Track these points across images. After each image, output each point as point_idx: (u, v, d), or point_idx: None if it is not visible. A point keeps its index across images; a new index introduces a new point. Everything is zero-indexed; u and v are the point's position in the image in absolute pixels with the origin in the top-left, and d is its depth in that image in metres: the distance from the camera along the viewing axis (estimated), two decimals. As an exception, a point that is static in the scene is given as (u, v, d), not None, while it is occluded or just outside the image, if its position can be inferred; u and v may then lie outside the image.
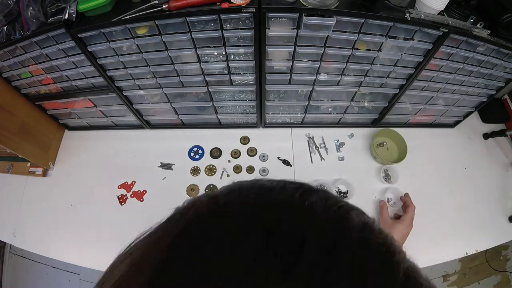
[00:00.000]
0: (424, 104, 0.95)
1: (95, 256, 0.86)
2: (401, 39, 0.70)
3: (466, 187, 0.98)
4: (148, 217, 0.94)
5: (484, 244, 0.89)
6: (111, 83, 0.82)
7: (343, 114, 0.96)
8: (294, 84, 0.82)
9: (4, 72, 0.83)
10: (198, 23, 0.64)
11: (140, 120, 1.00)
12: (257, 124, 1.02)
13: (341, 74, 0.79)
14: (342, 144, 1.02)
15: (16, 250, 1.85)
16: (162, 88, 0.84)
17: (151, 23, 0.64)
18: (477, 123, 1.13)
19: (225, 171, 0.96)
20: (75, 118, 1.02)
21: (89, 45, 0.70)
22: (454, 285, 1.80)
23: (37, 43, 0.71)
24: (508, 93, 1.15)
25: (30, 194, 0.97)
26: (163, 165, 0.98)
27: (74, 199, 0.95)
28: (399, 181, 0.93)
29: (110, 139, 1.06)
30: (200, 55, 0.72)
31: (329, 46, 0.70)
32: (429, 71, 0.81)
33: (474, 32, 0.68)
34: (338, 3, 0.61)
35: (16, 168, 1.00)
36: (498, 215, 0.94)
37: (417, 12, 0.63)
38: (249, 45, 0.69)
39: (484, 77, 0.86)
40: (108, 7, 0.65)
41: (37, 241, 0.89)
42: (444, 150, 1.05)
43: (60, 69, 0.79)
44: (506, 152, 1.08)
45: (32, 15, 0.64)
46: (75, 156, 1.04)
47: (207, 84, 0.82)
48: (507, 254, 1.89)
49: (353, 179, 0.93)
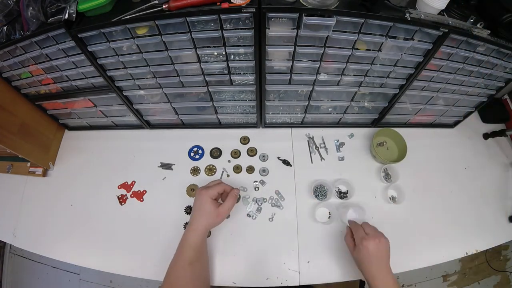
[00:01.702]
0: (424, 104, 0.95)
1: (95, 256, 0.86)
2: (401, 39, 0.70)
3: (466, 187, 0.98)
4: (148, 217, 0.94)
5: (484, 244, 0.89)
6: (111, 83, 0.82)
7: (343, 114, 0.96)
8: (294, 84, 0.82)
9: (4, 72, 0.83)
10: (198, 23, 0.64)
11: (140, 120, 1.00)
12: (257, 124, 1.02)
13: (341, 74, 0.79)
14: (342, 144, 1.02)
15: (16, 250, 1.85)
16: (162, 88, 0.84)
17: (151, 23, 0.64)
18: (477, 123, 1.13)
19: (225, 171, 0.96)
20: (75, 118, 1.02)
21: (89, 45, 0.70)
22: (454, 285, 1.80)
23: (37, 43, 0.71)
24: (508, 93, 1.15)
25: (30, 194, 0.97)
26: (163, 165, 0.98)
27: (74, 199, 0.95)
28: (399, 180, 0.94)
29: (110, 139, 1.06)
30: (200, 55, 0.72)
31: (329, 46, 0.70)
32: (429, 71, 0.81)
33: (474, 32, 0.68)
34: (338, 3, 0.61)
35: (16, 168, 1.00)
36: (498, 215, 0.94)
37: (417, 12, 0.63)
38: (249, 45, 0.69)
39: (484, 77, 0.86)
40: (108, 7, 0.65)
41: (37, 241, 0.89)
42: (444, 150, 1.05)
43: (60, 69, 0.79)
44: (506, 152, 1.08)
45: (32, 15, 0.64)
46: (75, 156, 1.04)
47: (207, 84, 0.82)
48: (507, 254, 1.89)
49: (353, 179, 0.93)
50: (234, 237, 0.86)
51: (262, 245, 0.85)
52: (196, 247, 0.71)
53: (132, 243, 0.86)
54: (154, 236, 0.86)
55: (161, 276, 0.77)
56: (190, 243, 0.72)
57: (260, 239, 0.86)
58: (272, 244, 0.85)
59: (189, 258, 0.70)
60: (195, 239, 0.72)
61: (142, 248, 0.85)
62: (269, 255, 0.84)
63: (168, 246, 0.86)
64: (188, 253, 0.71)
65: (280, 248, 0.84)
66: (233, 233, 0.87)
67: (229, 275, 0.81)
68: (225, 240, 0.86)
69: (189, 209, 0.90)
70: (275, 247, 0.84)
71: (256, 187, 0.93)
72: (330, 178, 0.93)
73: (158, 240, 0.86)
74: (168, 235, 0.86)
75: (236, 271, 0.82)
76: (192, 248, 0.71)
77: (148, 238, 0.86)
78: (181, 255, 0.72)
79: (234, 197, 0.77)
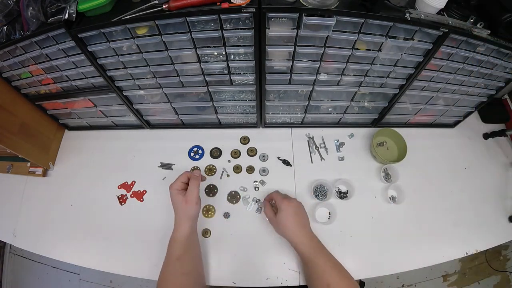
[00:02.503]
0: (424, 104, 0.95)
1: (95, 256, 0.86)
2: (401, 39, 0.70)
3: (466, 187, 0.98)
4: (148, 217, 0.94)
5: (484, 244, 0.89)
6: (111, 83, 0.82)
7: (343, 114, 0.96)
8: (294, 84, 0.82)
9: (4, 72, 0.83)
10: (198, 23, 0.64)
11: (140, 120, 1.00)
12: (257, 124, 1.02)
13: (341, 74, 0.79)
14: (342, 144, 1.02)
15: (16, 250, 1.85)
16: (162, 88, 0.84)
17: (151, 23, 0.64)
18: (477, 123, 1.13)
19: (225, 171, 0.96)
20: (75, 118, 1.02)
21: (89, 45, 0.70)
22: (454, 285, 1.80)
23: (37, 43, 0.71)
24: (508, 93, 1.15)
25: (30, 194, 0.97)
26: (163, 165, 0.98)
27: (74, 199, 0.95)
28: (399, 180, 0.94)
29: (110, 139, 1.06)
30: (200, 55, 0.72)
31: (329, 46, 0.70)
32: (429, 71, 0.81)
33: (474, 32, 0.68)
34: (338, 3, 0.61)
35: (16, 168, 1.00)
36: (498, 215, 0.94)
37: (417, 12, 0.63)
38: (249, 45, 0.69)
39: (484, 77, 0.86)
40: (108, 7, 0.65)
41: (37, 241, 0.89)
42: (444, 150, 1.05)
43: (60, 69, 0.79)
44: (506, 152, 1.08)
45: (32, 15, 0.64)
46: (75, 156, 1.04)
47: (207, 84, 0.82)
48: (507, 254, 1.89)
49: (353, 179, 0.93)
50: (234, 237, 0.86)
51: (262, 245, 0.85)
52: (181, 242, 0.73)
53: (132, 243, 0.86)
54: (154, 236, 0.86)
55: (161, 276, 0.77)
56: (175, 239, 0.73)
57: (260, 239, 0.85)
58: (272, 244, 0.85)
59: (176, 253, 0.72)
60: (178, 234, 0.73)
61: (142, 248, 0.85)
62: (269, 255, 0.84)
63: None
64: (174, 248, 0.73)
65: (280, 248, 0.84)
66: (233, 233, 0.87)
67: (229, 275, 0.81)
68: (225, 240, 0.86)
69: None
70: (275, 247, 0.84)
71: (256, 187, 0.93)
72: (330, 178, 0.93)
73: (158, 240, 0.85)
74: (168, 235, 0.86)
75: (236, 271, 0.82)
76: (178, 243, 0.73)
77: (148, 238, 0.86)
78: (168, 252, 0.74)
79: (195, 179, 0.75)
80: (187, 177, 0.77)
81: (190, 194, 0.73)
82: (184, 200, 0.73)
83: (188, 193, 0.73)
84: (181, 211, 0.74)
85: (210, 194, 0.92)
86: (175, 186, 0.74)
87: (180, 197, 0.73)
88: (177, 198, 0.74)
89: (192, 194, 0.73)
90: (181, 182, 0.75)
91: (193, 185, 0.74)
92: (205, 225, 0.88)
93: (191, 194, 0.73)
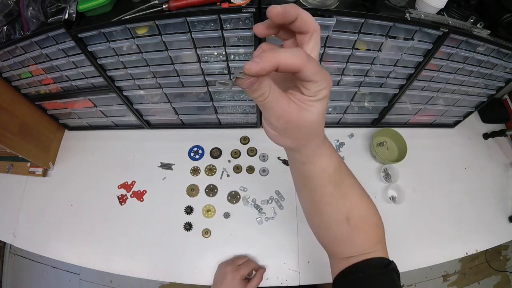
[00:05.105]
0: (424, 104, 0.95)
1: (95, 256, 0.86)
2: (401, 39, 0.70)
3: (466, 187, 0.98)
4: (148, 217, 0.94)
5: (484, 244, 0.89)
6: (111, 83, 0.82)
7: (343, 114, 0.96)
8: (294, 84, 0.82)
9: (4, 72, 0.83)
10: (198, 23, 0.64)
11: (140, 120, 1.00)
12: (257, 124, 1.02)
13: (341, 74, 0.79)
14: (342, 144, 1.02)
15: (16, 250, 1.85)
16: (162, 88, 0.84)
17: (151, 23, 0.64)
18: (477, 123, 1.13)
19: (225, 171, 0.96)
20: (75, 118, 1.02)
21: (89, 45, 0.70)
22: (454, 285, 1.80)
23: (37, 43, 0.71)
24: (508, 93, 1.15)
25: (30, 194, 0.97)
26: (163, 165, 0.98)
27: (74, 199, 0.95)
28: (399, 180, 0.94)
29: (110, 139, 1.06)
30: (200, 55, 0.72)
31: (329, 46, 0.70)
32: (429, 71, 0.81)
33: (474, 32, 0.68)
34: (338, 3, 0.61)
35: (16, 168, 1.00)
36: (498, 215, 0.94)
37: (417, 12, 0.63)
38: (249, 45, 0.69)
39: (484, 77, 0.86)
40: (108, 7, 0.65)
41: (37, 241, 0.89)
42: (444, 150, 1.05)
43: (60, 69, 0.79)
44: (506, 152, 1.08)
45: (32, 15, 0.64)
46: (75, 156, 1.04)
47: (207, 84, 0.82)
48: (507, 254, 1.89)
49: (353, 179, 0.93)
50: (234, 237, 0.86)
51: (262, 245, 0.85)
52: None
53: (132, 243, 0.86)
54: (154, 236, 0.86)
55: (161, 276, 0.77)
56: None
57: (260, 239, 0.86)
58: (272, 244, 0.85)
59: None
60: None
61: (142, 248, 0.85)
62: (269, 255, 0.84)
63: (168, 246, 0.86)
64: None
65: (280, 248, 0.84)
66: (233, 233, 0.87)
67: (229, 275, 0.81)
68: (225, 240, 0.86)
69: (189, 209, 0.90)
70: (275, 247, 0.84)
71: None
72: (330, 178, 0.93)
73: (158, 240, 0.86)
74: (168, 235, 0.86)
75: (236, 271, 0.82)
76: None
77: (148, 238, 0.86)
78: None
79: (261, 276, 0.77)
80: (252, 269, 0.78)
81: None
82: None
83: (251, 286, 0.74)
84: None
85: (210, 194, 0.92)
86: (242, 272, 0.74)
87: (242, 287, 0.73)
88: (236, 284, 0.73)
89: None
90: (247, 272, 0.76)
91: (257, 281, 0.75)
92: (205, 225, 0.88)
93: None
